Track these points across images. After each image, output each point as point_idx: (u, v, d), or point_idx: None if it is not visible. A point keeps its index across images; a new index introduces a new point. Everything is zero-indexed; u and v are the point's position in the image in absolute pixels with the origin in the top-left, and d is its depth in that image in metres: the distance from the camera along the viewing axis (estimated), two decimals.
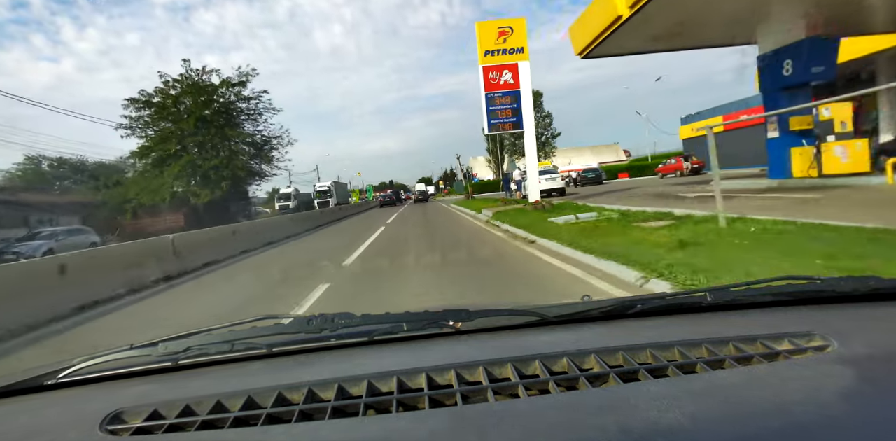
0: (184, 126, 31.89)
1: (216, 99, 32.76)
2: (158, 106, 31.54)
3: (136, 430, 0.67)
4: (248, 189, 39.43)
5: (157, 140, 31.75)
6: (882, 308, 0.92)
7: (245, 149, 33.92)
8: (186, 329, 0.96)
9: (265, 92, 34.86)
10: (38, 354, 3.92)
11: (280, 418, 0.67)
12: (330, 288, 5.12)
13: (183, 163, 30.99)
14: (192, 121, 31.70)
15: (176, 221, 32.84)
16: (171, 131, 32.11)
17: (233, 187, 34.38)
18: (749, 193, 11.40)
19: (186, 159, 31.10)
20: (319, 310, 3.80)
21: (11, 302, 4.68)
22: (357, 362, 0.84)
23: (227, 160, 32.28)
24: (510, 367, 0.75)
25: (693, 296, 0.99)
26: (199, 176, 31.65)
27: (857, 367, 0.65)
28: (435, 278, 5.20)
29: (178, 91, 32.22)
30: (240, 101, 34.48)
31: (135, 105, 31.11)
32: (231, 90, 33.74)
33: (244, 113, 35.17)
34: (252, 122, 36.06)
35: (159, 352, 0.87)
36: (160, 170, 31.21)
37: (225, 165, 32.48)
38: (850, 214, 5.73)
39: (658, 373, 0.71)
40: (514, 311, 0.99)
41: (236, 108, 34.73)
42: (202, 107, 31.73)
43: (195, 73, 32.59)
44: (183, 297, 6.06)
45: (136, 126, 32.23)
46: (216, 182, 31.85)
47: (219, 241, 9.81)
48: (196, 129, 32.27)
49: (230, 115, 34.09)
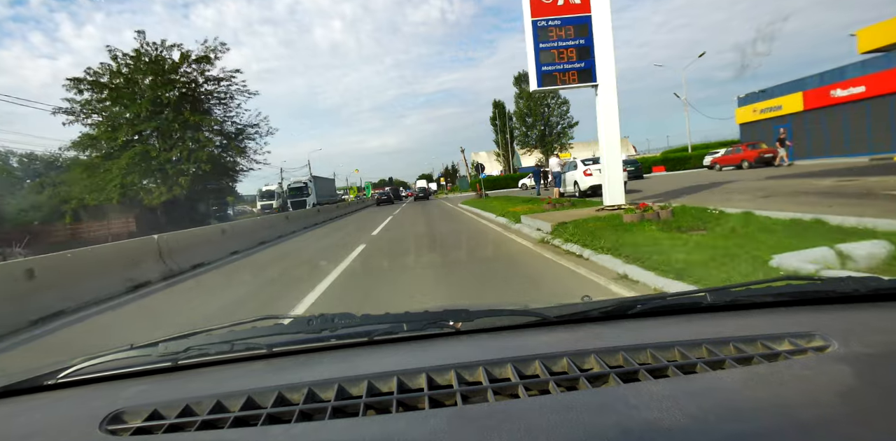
0: (135, 110, 26.53)
1: (177, 79, 27.37)
2: (105, 86, 26.31)
3: (136, 430, 0.67)
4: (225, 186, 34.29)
5: (105, 127, 26.62)
6: (882, 308, 0.92)
7: (212, 138, 28.48)
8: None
9: (238, 71, 29.45)
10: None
11: (280, 418, 0.67)
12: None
13: (132, 154, 25.64)
14: (146, 104, 26.41)
15: (126, 226, 27.36)
16: (122, 117, 26.85)
17: (198, 184, 29.31)
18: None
19: (138, 150, 25.75)
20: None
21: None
22: (357, 362, 0.84)
23: (189, 152, 26.86)
24: (510, 368, 0.75)
25: (693, 296, 0.98)
26: (155, 170, 26.23)
27: (857, 367, 0.65)
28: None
29: (130, 68, 26.78)
30: (208, 82, 29.15)
31: (79, 86, 25.93)
32: (194, 67, 28.33)
33: (212, 96, 29.92)
34: (223, 108, 30.77)
35: (159, 352, 0.86)
36: (111, 163, 25.81)
37: (185, 158, 27.06)
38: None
39: (658, 373, 0.71)
40: (514, 311, 1.00)
41: (202, 91, 29.45)
42: (159, 88, 26.53)
43: (152, 48, 27.10)
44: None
45: (81, 111, 26.85)
46: (174, 177, 26.46)
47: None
48: (150, 113, 27.19)
49: (196, 99, 28.83)
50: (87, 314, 5.25)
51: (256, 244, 11.39)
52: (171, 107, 26.59)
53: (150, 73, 26.78)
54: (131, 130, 26.04)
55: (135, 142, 26.56)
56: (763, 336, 0.79)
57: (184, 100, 27.56)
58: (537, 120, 44.66)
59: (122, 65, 26.65)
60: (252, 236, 11.60)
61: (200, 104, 29.21)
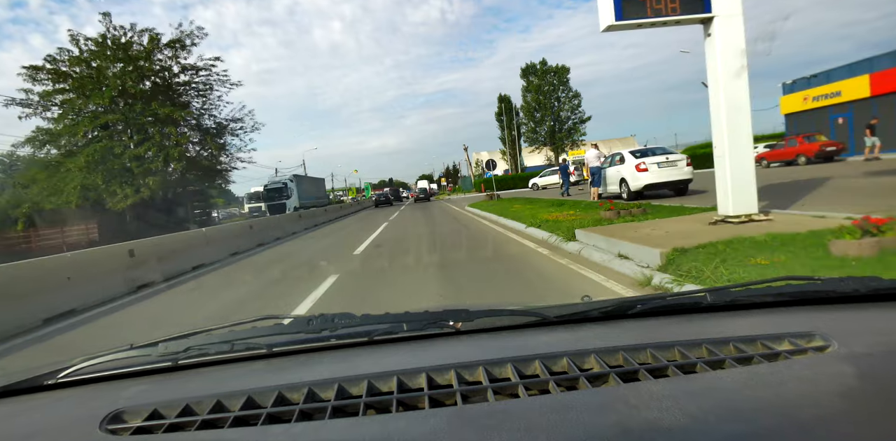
0: (98, 101, 23.55)
1: (147, 66, 24.37)
2: (66, 75, 23.40)
3: (136, 429, 0.66)
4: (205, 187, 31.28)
5: (64, 121, 23.80)
6: (882, 308, 0.91)
7: (187, 133, 25.47)
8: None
9: (218, 60, 26.43)
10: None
11: (280, 418, 0.66)
12: None
13: (91, 151, 22.63)
14: (109, 94, 23.44)
15: (86, 234, 24.19)
16: (84, 109, 23.96)
17: (175, 185, 26.44)
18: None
19: (99, 147, 22.75)
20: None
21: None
22: (357, 362, 0.84)
23: (159, 148, 23.81)
24: (510, 367, 0.74)
25: (693, 296, 0.98)
26: (119, 169, 23.16)
27: (857, 367, 0.65)
28: None
29: (93, 54, 23.84)
30: (185, 71, 26.20)
31: (38, 76, 23.15)
32: (167, 54, 25.37)
33: (189, 87, 26.96)
34: (202, 100, 27.79)
35: (159, 352, 0.86)
36: (71, 162, 22.84)
37: (155, 155, 24.01)
38: None
39: (658, 373, 0.70)
40: (514, 311, 0.99)
41: (179, 82, 26.55)
42: (126, 76, 23.58)
43: (120, 32, 24.12)
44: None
45: (39, 103, 23.89)
46: (142, 178, 23.40)
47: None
48: (115, 105, 24.05)
49: (170, 89, 25.84)
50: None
51: (189, 269, 8.17)
52: (141, 97, 23.91)
53: (117, 59, 23.77)
54: (92, 124, 23.04)
55: (98, 137, 23.56)
56: (763, 336, 0.78)
57: (156, 91, 24.75)
58: (547, 114, 41.45)
59: (84, 51, 23.68)
60: (188, 256, 8.39)
61: (176, 96, 26.32)
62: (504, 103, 45.42)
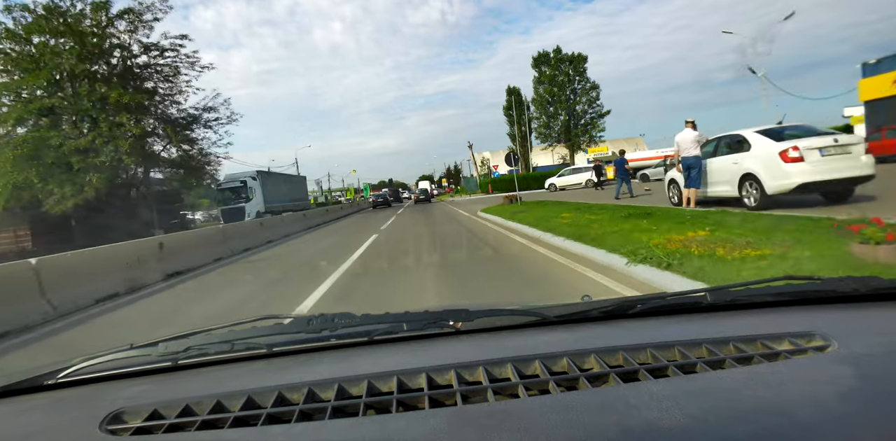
0: (32, 82, 19.70)
1: (96, 42, 20.49)
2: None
3: (136, 429, 0.66)
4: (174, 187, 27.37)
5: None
6: (882, 308, 0.90)
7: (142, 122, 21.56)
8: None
9: (185, 37, 22.57)
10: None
11: (280, 418, 0.66)
12: None
13: (19, 141, 18.91)
14: (45, 74, 19.57)
15: (15, 242, 20.19)
16: (17, 91, 20.18)
17: (136, 184, 23.27)
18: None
19: (30, 137, 19.02)
20: None
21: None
22: (357, 362, 0.83)
23: (106, 140, 19.88)
24: (510, 367, 0.74)
25: (693, 296, 0.97)
26: (56, 164, 19.34)
27: (857, 367, 0.64)
28: None
29: (28, 28, 20.13)
30: (147, 51, 22.43)
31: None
32: (116, 27, 21.55)
33: (153, 69, 23.14)
34: (167, 85, 23.98)
35: (159, 352, 0.85)
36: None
37: (101, 147, 20.11)
38: None
39: (658, 373, 0.70)
40: (514, 311, 0.98)
41: (139, 63, 22.90)
42: (69, 54, 19.95)
43: (65, 2, 20.37)
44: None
45: None
46: (84, 174, 19.46)
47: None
48: (59, 89, 20.47)
49: (128, 72, 22.23)
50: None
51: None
52: (92, 81, 20.13)
53: (58, 34, 19.87)
54: (26, 110, 19.12)
55: (38, 127, 19.75)
56: (763, 336, 0.78)
57: (112, 73, 21.15)
58: (561, 108, 37.37)
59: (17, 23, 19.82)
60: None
61: (137, 80, 22.41)
62: (514, 96, 41.22)
